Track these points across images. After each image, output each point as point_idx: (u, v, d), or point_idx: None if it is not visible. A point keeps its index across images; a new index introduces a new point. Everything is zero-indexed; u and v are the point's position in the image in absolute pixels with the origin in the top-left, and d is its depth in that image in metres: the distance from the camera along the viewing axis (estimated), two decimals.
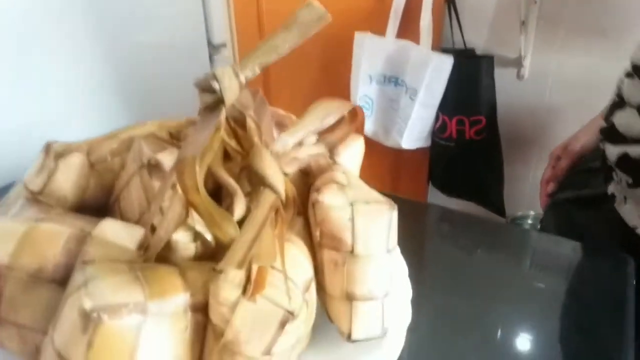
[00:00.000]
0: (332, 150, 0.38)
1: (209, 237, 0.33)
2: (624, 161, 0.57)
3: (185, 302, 0.28)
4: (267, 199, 0.28)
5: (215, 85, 0.29)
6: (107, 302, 0.25)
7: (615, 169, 0.59)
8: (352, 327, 0.31)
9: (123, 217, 0.35)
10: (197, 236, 0.32)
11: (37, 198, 0.34)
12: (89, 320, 0.24)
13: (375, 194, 0.32)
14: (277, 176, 0.30)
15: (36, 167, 0.34)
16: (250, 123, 0.32)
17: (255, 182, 0.31)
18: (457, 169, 1.34)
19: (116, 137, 0.34)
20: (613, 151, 0.59)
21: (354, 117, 0.38)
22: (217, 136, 0.30)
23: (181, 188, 0.30)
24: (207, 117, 0.31)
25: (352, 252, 0.30)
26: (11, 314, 0.30)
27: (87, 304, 0.25)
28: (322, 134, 0.38)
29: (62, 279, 0.30)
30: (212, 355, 0.28)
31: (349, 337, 0.31)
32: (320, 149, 0.37)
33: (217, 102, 0.30)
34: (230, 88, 0.30)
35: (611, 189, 0.62)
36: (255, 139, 0.31)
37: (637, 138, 0.56)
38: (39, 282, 0.30)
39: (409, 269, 0.39)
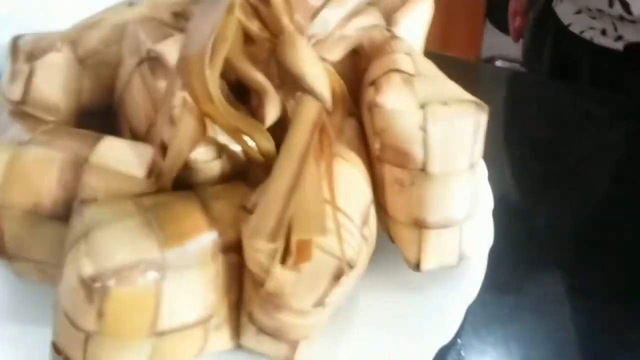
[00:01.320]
0: (388, 19, 0.28)
1: (237, 148, 0.26)
2: None
3: (213, 243, 0.22)
4: (306, 113, 0.20)
5: None
6: (111, 264, 0.20)
7: None
8: (421, 256, 0.25)
9: (131, 126, 0.28)
10: (221, 150, 0.26)
11: (22, 109, 0.27)
12: (92, 291, 0.19)
13: (454, 88, 0.23)
14: (319, 74, 0.22)
15: (8, 72, 0.26)
16: None
17: (288, 83, 0.22)
18: None
19: (103, 24, 0.26)
20: None
21: None
22: (231, 20, 0.21)
23: (190, 96, 0.22)
24: None
25: (423, 170, 0.23)
26: (20, 250, 0.26)
27: (87, 270, 0.19)
28: None
29: (64, 215, 0.24)
30: (252, 304, 0.23)
31: (416, 267, 0.26)
32: (375, 18, 0.27)
33: None
34: None
35: None
36: (285, 19, 0.22)
37: None
38: (39, 219, 0.25)
39: None
